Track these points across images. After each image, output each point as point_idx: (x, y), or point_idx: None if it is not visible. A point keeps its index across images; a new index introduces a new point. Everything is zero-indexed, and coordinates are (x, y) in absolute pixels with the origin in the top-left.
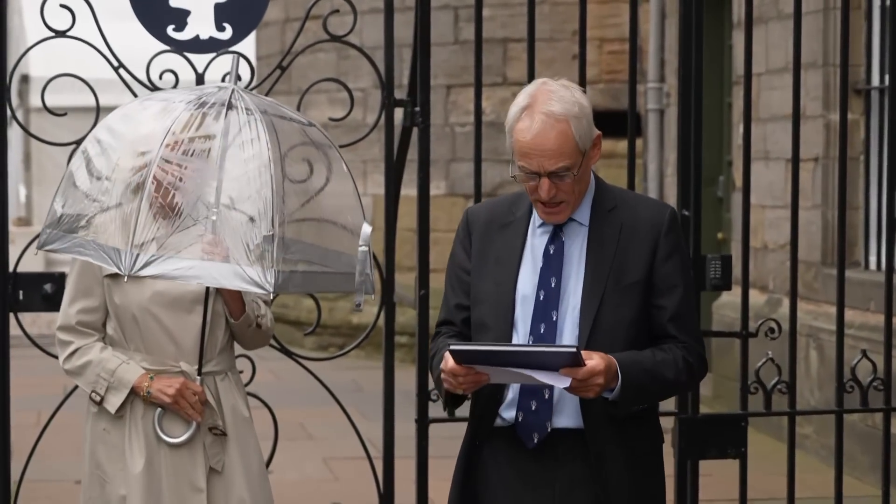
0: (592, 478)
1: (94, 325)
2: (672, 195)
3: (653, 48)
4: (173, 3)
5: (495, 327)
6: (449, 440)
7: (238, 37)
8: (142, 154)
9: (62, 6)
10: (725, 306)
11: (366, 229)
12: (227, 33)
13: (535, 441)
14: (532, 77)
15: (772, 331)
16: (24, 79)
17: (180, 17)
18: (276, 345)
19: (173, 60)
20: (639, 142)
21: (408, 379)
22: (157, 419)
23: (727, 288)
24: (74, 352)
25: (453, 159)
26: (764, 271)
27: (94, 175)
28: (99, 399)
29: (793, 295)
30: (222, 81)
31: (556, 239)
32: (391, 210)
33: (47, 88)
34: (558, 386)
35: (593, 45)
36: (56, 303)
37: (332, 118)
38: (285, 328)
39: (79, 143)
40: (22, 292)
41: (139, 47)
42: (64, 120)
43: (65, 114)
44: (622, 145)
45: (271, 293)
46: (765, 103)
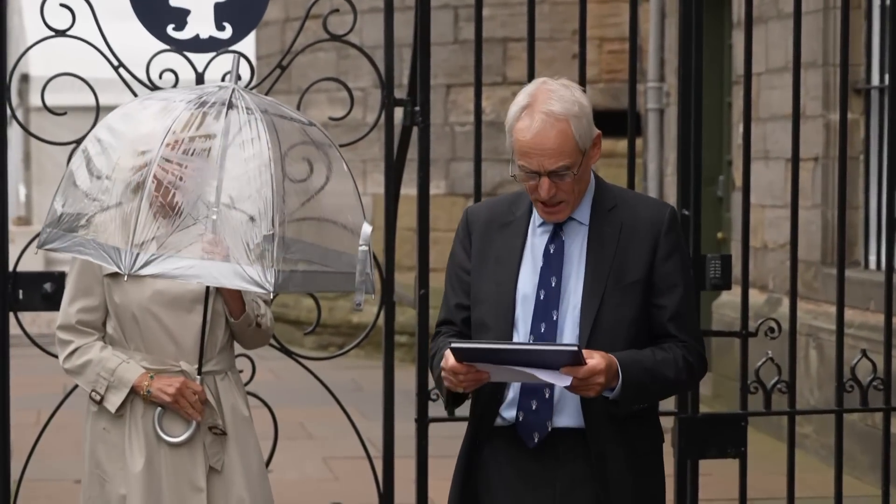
0: (593, 477)
1: (94, 325)
2: (672, 195)
3: (653, 48)
4: (173, 2)
5: (496, 327)
6: (449, 439)
7: (238, 36)
8: (142, 153)
9: (62, 5)
10: (725, 306)
11: (366, 229)
12: (227, 33)
13: (536, 440)
14: (532, 76)
15: (771, 330)
16: (24, 78)
17: (180, 17)
18: (276, 344)
19: (173, 60)
20: (639, 141)
21: (408, 378)
22: (157, 418)
23: (727, 287)
24: (74, 351)
25: (453, 159)
26: (764, 271)
27: (94, 174)
28: (99, 398)
29: (792, 294)
30: (222, 81)
31: (557, 238)
32: (391, 209)
33: (47, 88)
34: (559, 385)
35: (593, 45)
36: (56, 302)
37: (331, 117)
38: (285, 327)
39: (79, 142)
40: (22, 291)
41: (139, 47)
42: (64, 119)
43: (65, 113)
44: (622, 145)
45: (271, 292)
46: (765, 103)
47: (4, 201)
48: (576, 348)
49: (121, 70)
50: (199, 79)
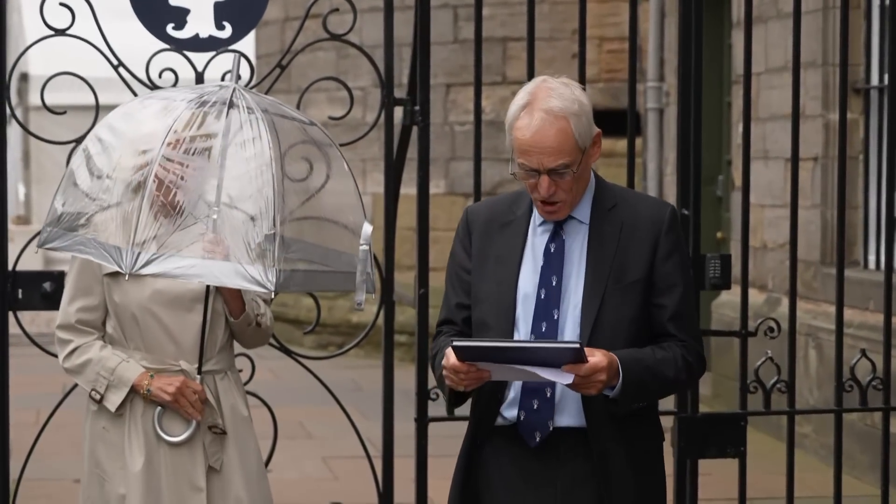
0: (595, 476)
1: (94, 324)
2: (671, 194)
3: (652, 47)
4: (173, 1)
5: (496, 326)
6: (448, 439)
7: (238, 35)
8: (143, 153)
9: (62, 4)
10: (725, 305)
11: (367, 228)
12: (227, 32)
13: (537, 440)
14: (532, 76)
15: (771, 330)
16: (24, 77)
17: (180, 16)
18: (276, 343)
19: (173, 59)
20: (638, 141)
21: (407, 378)
22: (157, 418)
23: (726, 287)
24: (74, 350)
25: (453, 158)
26: (763, 270)
27: (94, 174)
28: (99, 397)
29: (792, 294)
30: (222, 80)
31: (557, 237)
32: (391, 209)
33: (47, 87)
34: (560, 382)
35: (593, 44)
36: (55, 301)
37: (331, 117)
38: (285, 327)
39: (78, 141)
40: (21, 291)
41: (139, 46)
42: (63, 118)
43: (64, 112)
44: (621, 144)
45: (273, 292)
46: (764, 102)
47: (4, 200)
48: (577, 345)
49: (120, 69)
50: (199, 78)
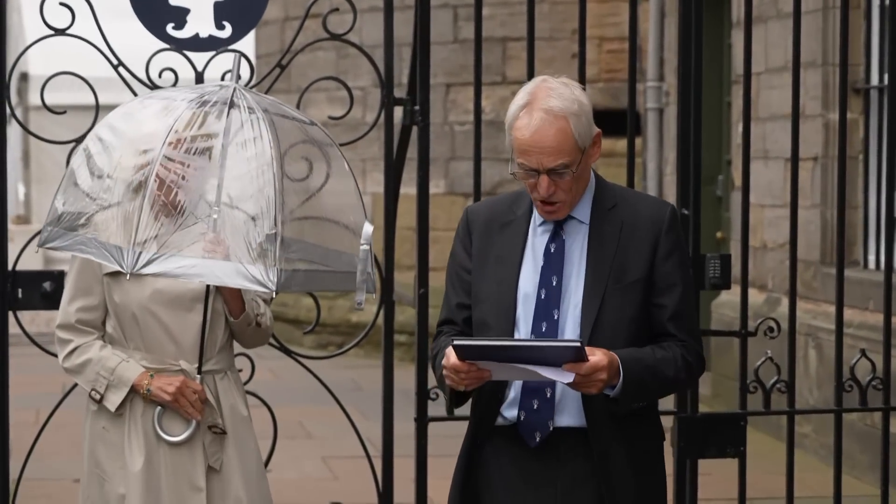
0: (595, 476)
1: (94, 324)
2: (671, 194)
3: (652, 47)
4: (173, 1)
5: (497, 326)
6: (448, 439)
7: (238, 35)
8: (144, 152)
9: (62, 4)
10: (724, 305)
11: (367, 228)
12: (227, 32)
13: (538, 440)
14: (532, 76)
15: (771, 330)
16: (24, 77)
17: (180, 16)
18: (276, 343)
19: (173, 59)
20: (638, 141)
21: (407, 378)
22: (157, 418)
23: (726, 287)
24: (74, 350)
25: (453, 158)
26: (763, 270)
27: (95, 173)
28: (98, 397)
29: (792, 294)
30: (222, 80)
31: (557, 237)
32: (390, 209)
33: (46, 86)
34: (561, 381)
35: (593, 44)
36: (55, 301)
37: (331, 117)
38: (284, 327)
39: (78, 141)
40: (21, 290)
41: (139, 45)
42: (63, 118)
43: (64, 112)
44: (621, 144)
45: (274, 291)
46: (764, 102)
47: (4, 200)
48: (578, 344)
49: (120, 69)
50: (199, 78)
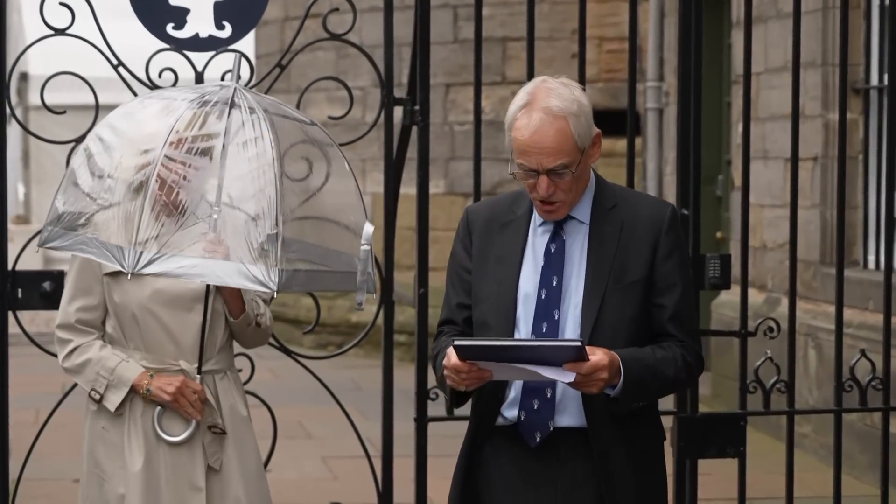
0: (595, 476)
1: (94, 324)
2: (671, 194)
3: (652, 47)
4: (173, 1)
5: (497, 326)
6: (448, 439)
7: (237, 35)
8: (145, 152)
9: (61, 4)
10: (724, 305)
11: (368, 228)
12: (227, 31)
13: (538, 440)
14: (531, 76)
15: (770, 330)
16: (24, 77)
17: (180, 16)
18: (275, 343)
19: (173, 59)
20: (638, 141)
21: (407, 378)
22: (157, 418)
23: (726, 287)
24: (74, 350)
25: (452, 158)
26: (763, 270)
27: (95, 173)
28: (98, 397)
29: (791, 294)
30: (222, 80)
31: (557, 237)
32: (390, 209)
33: (46, 86)
34: (562, 381)
35: (592, 44)
36: (55, 301)
37: (331, 117)
38: (284, 327)
39: (78, 141)
40: (21, 290)
41: (138, 45)
42: (63, 118)
43: (64, 112)
44: (621, 144)
45: (275, 292)
46: (764, 102)
47: (3, 200)
48: (579, 343)
49: (120, 69)
50: (199, 78)
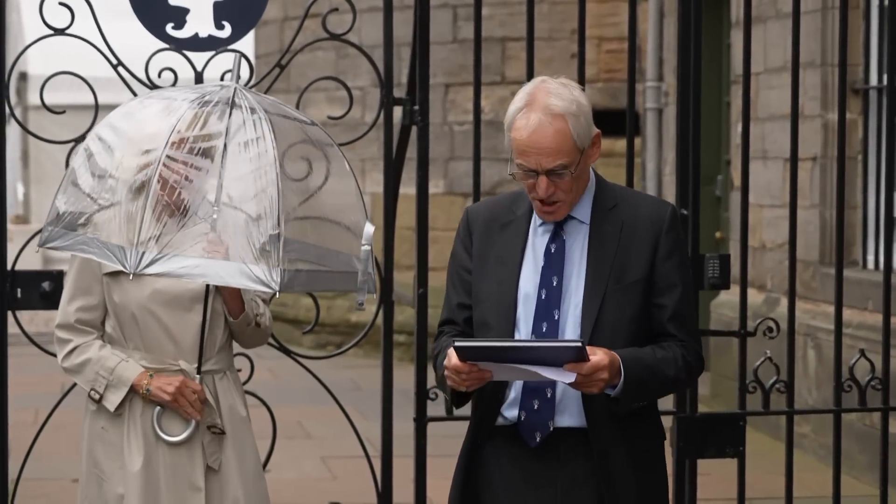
0: (595, 476)
1: (93, 324)
2: (670, 194)
3: (651, 47)
4: (172, 1)
5: (497, 326)
6: (447, 439)
7: (237, 35)
8: (146, 152)
9: (61, 4)
10: (724, 305)
11: (368, 228)
12: (226, 31)
13: (538, 440)
14: (531, 76)
15: (770, 330)
16: (23, 76)
17: (179, 16)
18: (275, 343)
19: (172, 59)
20: (637, 141)
21: (406, 378)
22: (156, 417)
23: (725, 287)
24: (73, 350)
25: (452, 158)
26: (762, 270)
27: (95, 173)
28: (98, 397)
29: (791, 294)
30: (221, 80)
31: (557, 237)
32: (390, 209)
33: (46, 86)
34: (562, 381)
35: (592, 44)
36: (54, 301)
37: (330, 116)
38: (283, 327)
39: (77, 140)
40: (20, 290)
41: (138, 45)
42: (62, 118)
43: (63, 111)
44: (620, 144)
45: (278, 292)
46: (763, 102)
47: (3, 200)
48: (580, 344)
49: (120, 69)
50: (198, 77)
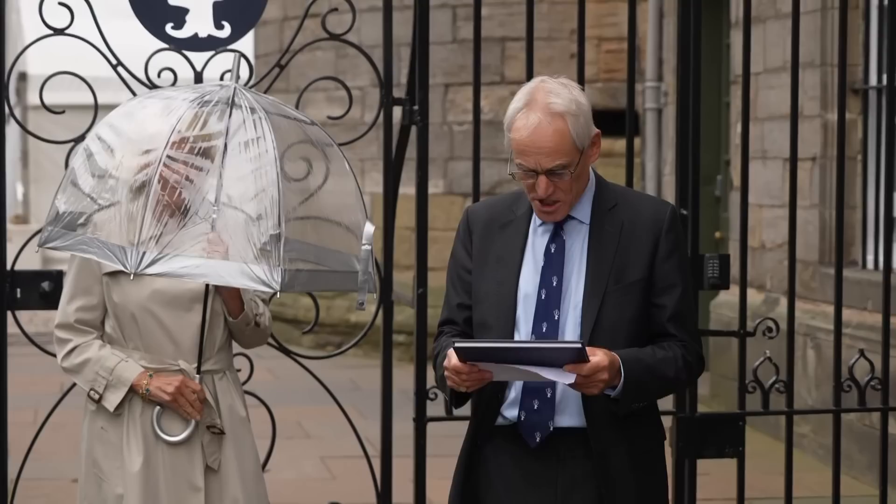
0: (595, 476)
1: (93, 323)
2: (670, 194)
3: (651, 47)
4: (172, 1)
5: (497, 327)
6: (447, 439)
7: (237, 35)
8: (146, 152)
9: (61, 4)
10: (723, 305)
11: (368, 228)
12: (226, 31)
13: (538, 440)
14: (530, 76)
15: (769, 330)
16: (23, 76)
17: (179, 15)
18: (274, 343)
19: (172, 59)
20: (637, 141)
21: (406, 378)
22: (156, 417)
23: (725, 287)
24: (73, 349)
25: (451, 158)
26: (762, 270)
27: (95, 173)
28: (97, 397)
29: (790, 294)
30: (221, 80)
31: (557, 238)
32: (390, 209)
33: (45, 86)
34: (562, 382)
35: (591, 45)
36: (54, 301)
37: (330, 116)
38: (283, 327)
39: (77, 140)
40: (19, 290)
41: (138, 45)
42: (62, 118)
43: (63, 111)
44: (620, 144)
45: (279, 291)
46: (763, 103)
47: (2, 200)
48: (580, 345)
49: (119, 69)
50: (198, 77)
